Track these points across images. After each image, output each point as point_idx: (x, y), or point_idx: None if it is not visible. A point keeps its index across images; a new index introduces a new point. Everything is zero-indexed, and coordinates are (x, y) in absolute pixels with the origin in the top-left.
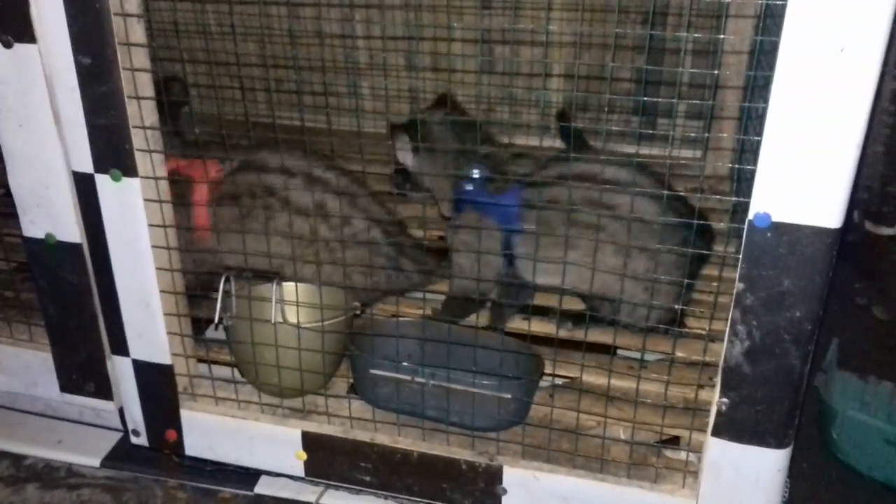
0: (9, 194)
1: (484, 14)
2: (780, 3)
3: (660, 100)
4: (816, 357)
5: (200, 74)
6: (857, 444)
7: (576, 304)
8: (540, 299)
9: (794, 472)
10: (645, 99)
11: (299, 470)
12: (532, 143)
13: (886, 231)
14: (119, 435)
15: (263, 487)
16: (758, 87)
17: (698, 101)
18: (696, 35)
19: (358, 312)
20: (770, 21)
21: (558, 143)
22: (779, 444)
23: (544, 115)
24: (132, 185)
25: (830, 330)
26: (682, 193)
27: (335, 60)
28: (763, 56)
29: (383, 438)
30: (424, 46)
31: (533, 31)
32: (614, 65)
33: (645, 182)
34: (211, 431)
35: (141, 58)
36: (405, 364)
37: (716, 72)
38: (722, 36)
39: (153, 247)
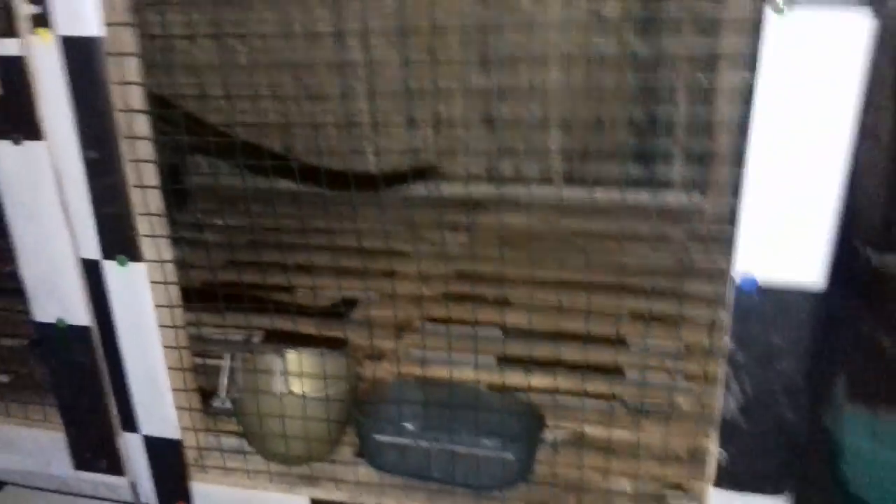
0: (16, 274)
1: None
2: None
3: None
4: (825, 392)
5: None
6: (869, 478)
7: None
8: (541, 351)
9: None
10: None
11: None
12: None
13: (891, 260)
14: None
15: None
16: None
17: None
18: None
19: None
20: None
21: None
22: (776, 492)
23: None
24: (138, 269)
25: (838, 363)
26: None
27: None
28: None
29: (390, 502)
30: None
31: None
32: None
33: None
34: (221, 502)
35: (145, 149)
36: (408, 427)
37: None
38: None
39: (160, 326)
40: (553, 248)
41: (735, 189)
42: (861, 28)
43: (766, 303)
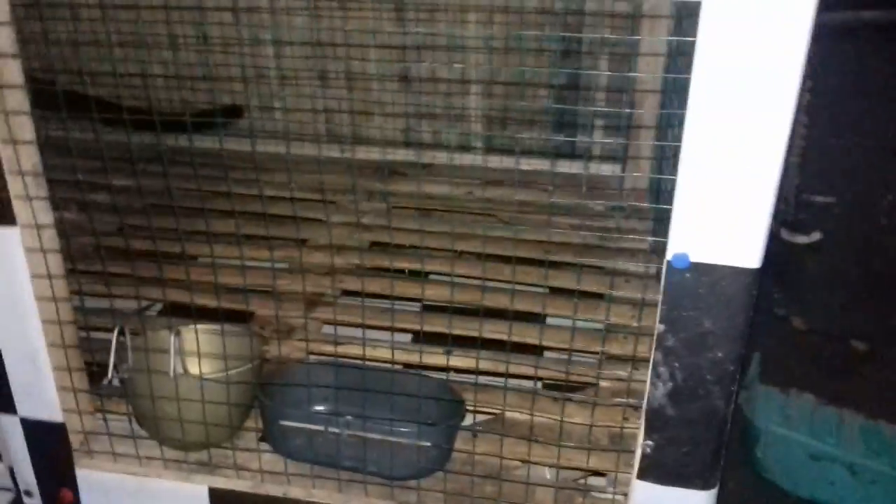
0: None
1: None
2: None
3: (573, 108)
4: (739, 373)
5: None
6: (780, 460)
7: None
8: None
9: (720, 493)
10: (557, 107)
11: None
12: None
13: (802, 240)
14: (11, 496)
15: None
16: (676, 91)
17: (614, 110)
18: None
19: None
20: (686, 22)
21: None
22: (705, 486)
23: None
24: (10, 234)
25: (751, 343)
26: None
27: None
28: (680, 58)
29: (297, 492)
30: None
31: (450, 38)
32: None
33: None
34: (110, 490)
35: (17, 99)
36: (318, 411)
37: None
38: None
39: (38, 298)
40: (474, 219)
41: (660, 161)
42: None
43: (699, 282)
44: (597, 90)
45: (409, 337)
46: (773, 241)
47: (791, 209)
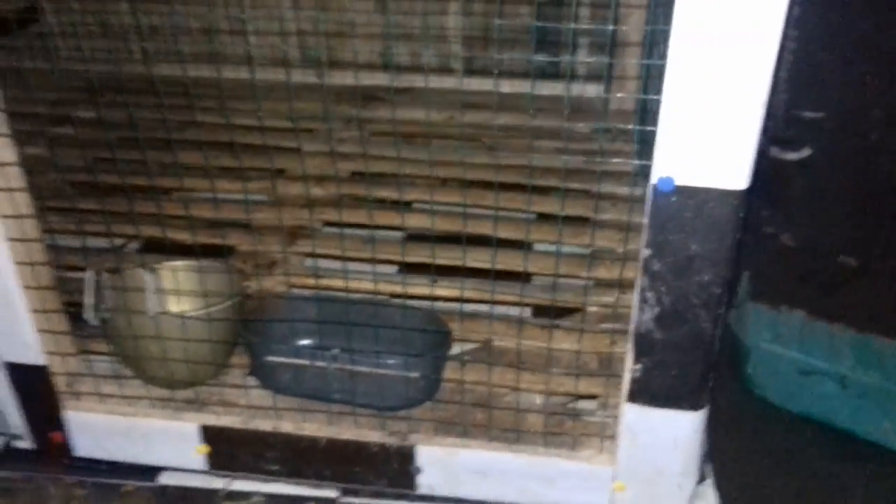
0: None
1: None
2: None
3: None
4: (729, 292)
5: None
6: (771, 376)
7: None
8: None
9: (711, 411)
10: (540, 24)
11: (202, 464)
12: (432, 83)
13: (792, 156)
14: (4, 440)
15: (168, 478)
16: (662, 6)
17: (598, 26)
18: None
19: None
20: None
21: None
22: (694, 407)
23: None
24: None
25: (740, 262)
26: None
27: None
28: None
29: (287, 426)
30: None
31: None
32: None
33: None
34: (99, 431)
35: None
36: (304, 345)
37: None
38: None
39: (9, 240)
40: (456, 144)
41: (645, 81)
42: None
43: (685, 206)
44: (580, 6)
45: (393, 268)
46: (762, 158)
47: (780, 125)
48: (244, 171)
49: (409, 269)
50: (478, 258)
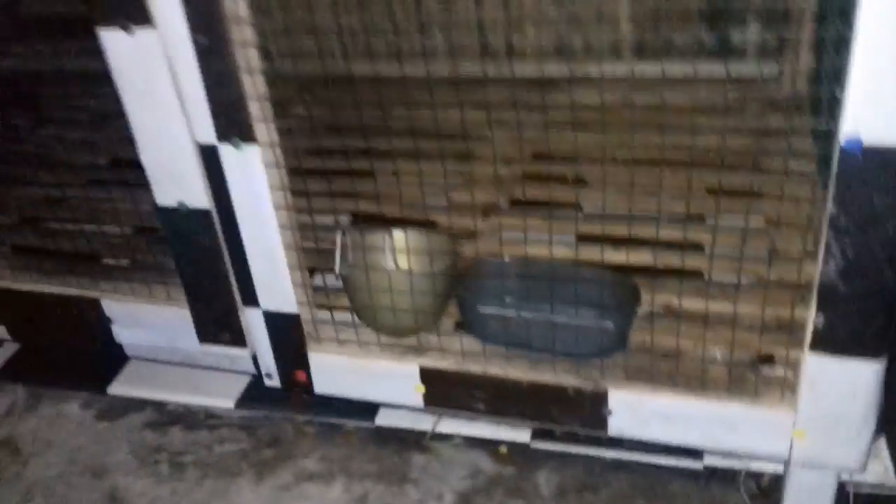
0: (138, 166)
1: None
2: None
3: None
4: None
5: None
6: None
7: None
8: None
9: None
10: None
11: (419, 401)
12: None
13: None
14: (250, 379)
15: (383, 419)
16: None
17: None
18: None
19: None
20: None
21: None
22: (874, 355)
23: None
24: (252, 151)
25: None
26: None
27: None
28: None
29: (495, 370)
30: None
31: None
32: None
33: None
34: (336, 371)
35: (249, 33)
36: (509, 301)
37: None
38: None
39: (275, 207)
40: (628, 124)
41: (818, 49)
42: None
43: (870, 164)
44: None
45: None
46: None
47: None
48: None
49: (591, 240)
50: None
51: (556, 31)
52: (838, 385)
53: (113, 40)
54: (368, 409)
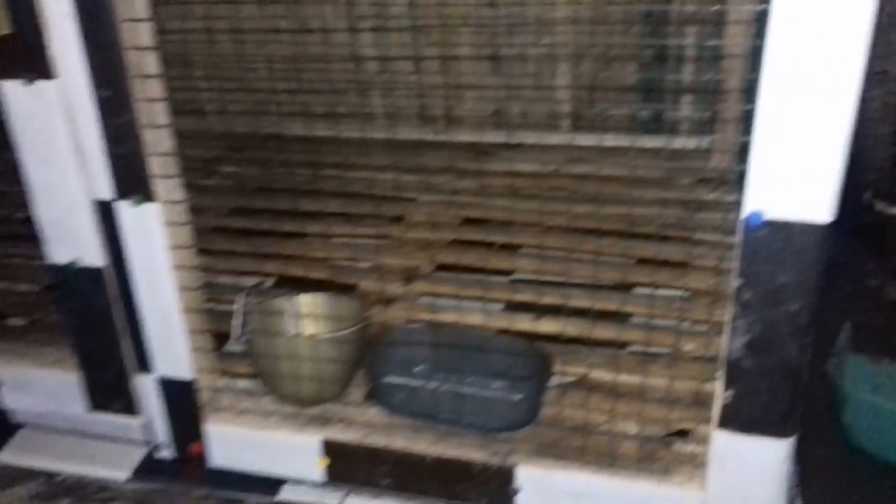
0: (31, 220)
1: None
2: None
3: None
4: (828, 341)
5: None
6: (870, 427)
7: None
8: (542, 297)
9: (808, 459)
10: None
11: (321, 476)
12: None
13: None
14: (146, 449)
15: (287, 494)
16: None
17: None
18: None
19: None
20: None
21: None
22: (782, 434)
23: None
24: (151, 209)
25: (843, 312)
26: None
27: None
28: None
29: (400, 443)
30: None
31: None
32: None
33: None
34: (234, 442)
35: (155, 88)
36: (418, 370)
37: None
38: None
39: (174, 267)
40: (561, 193)
41: (746, 126)
42: None
43: (773, 238)
44: (683, 61)
45: (500, 306)
46: (868, 211)
47: (886, 180)
48: (369, 217)
49: (515, 308)
50: (580, 299)
51: (495, 99)
52: (747, 463)
53: (12, 92)
54: (271, 483)
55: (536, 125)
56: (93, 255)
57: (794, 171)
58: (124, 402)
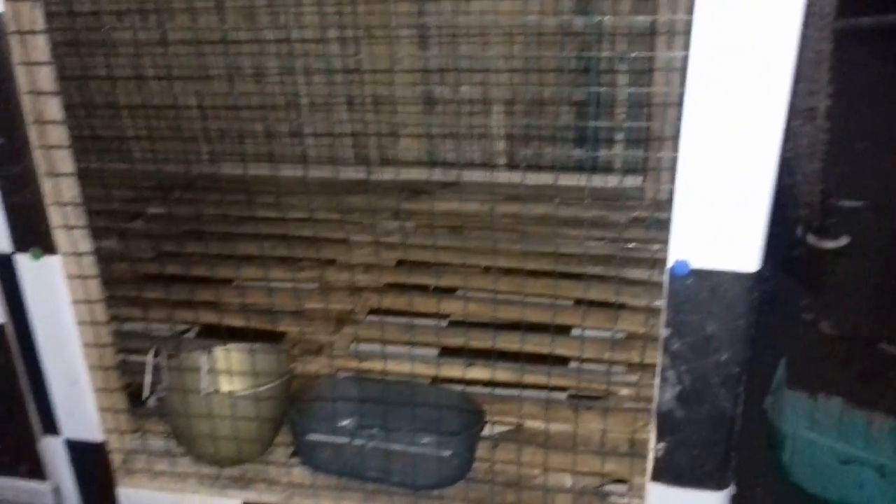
0: None
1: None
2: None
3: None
4: (765, 378)
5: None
6: (809, 465)
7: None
8: (477, 341)
9: (747, 498)
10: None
11: None
12: (477, 177)
13: (830, 245)
14: None
15: None
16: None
17: (634, 123)
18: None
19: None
20: None
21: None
22: (717, 486)
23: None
24: (53, 262)
25: (778, 348)
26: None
27: (276, 99)
28: None
29: (325, 503)
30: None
31: (472, 61)
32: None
33: None
34: None
35: (57, 134)
36: (344, 425)
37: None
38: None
39: (79, 323)
40: (493, 234)
41: (674, 171)
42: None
43: (700, 288)
44: (616, 105)
45: (434, 351)
46: (800, 246)
47: (817, 214)
48: (296, 260)
49: (448, 352)
50: (509, 342)
51: (429, 141)
52: None
53: None
54: None
55: (469, 164)
56: None
57: (719, 220)
58: (31, 467)
